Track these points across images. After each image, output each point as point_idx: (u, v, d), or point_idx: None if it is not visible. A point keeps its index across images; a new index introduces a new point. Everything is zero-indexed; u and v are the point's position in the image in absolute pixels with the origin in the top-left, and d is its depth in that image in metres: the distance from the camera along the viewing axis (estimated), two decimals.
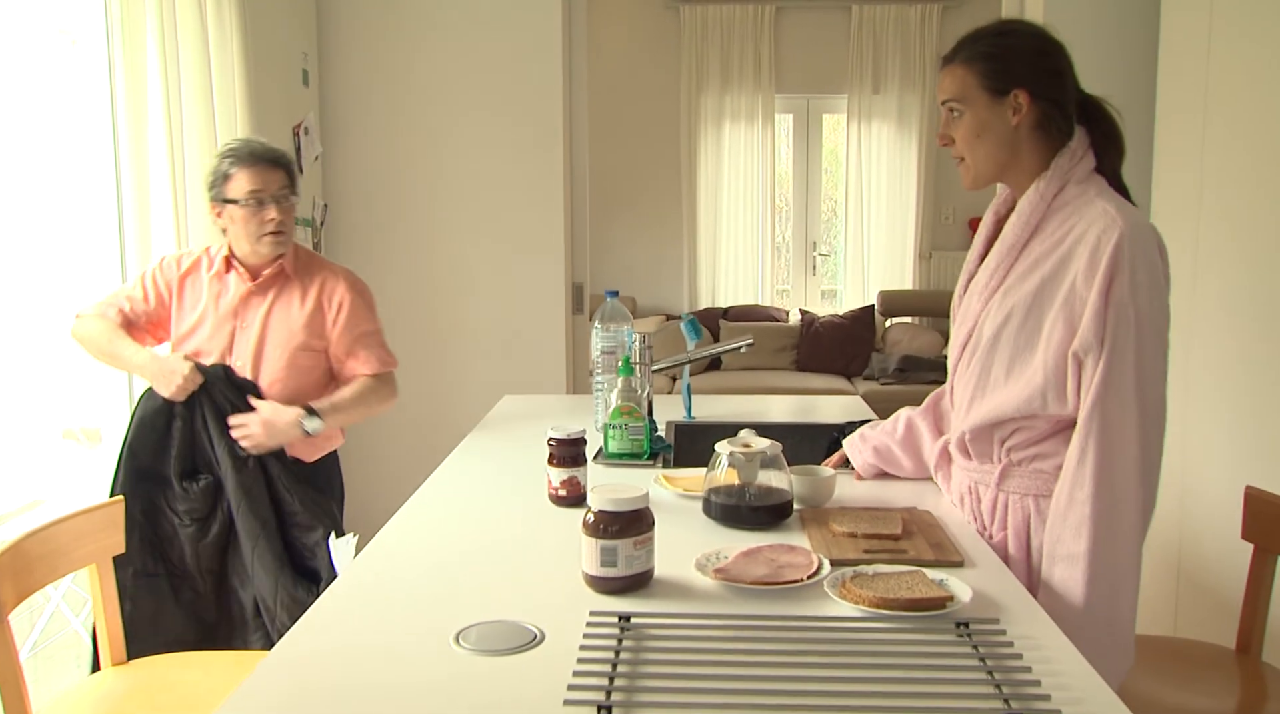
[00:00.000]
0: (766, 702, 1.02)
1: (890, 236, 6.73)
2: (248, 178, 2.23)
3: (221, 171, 2.25)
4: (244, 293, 2.30)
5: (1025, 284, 1.50)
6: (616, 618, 1.20)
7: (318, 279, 2.35)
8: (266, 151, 2.28)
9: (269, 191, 2.24)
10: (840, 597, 1.27)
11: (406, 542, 1.57)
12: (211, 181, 2.26)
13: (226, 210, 2.26)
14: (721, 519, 1.60)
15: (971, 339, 1.58)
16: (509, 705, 1.03)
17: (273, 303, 2.31)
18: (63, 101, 2.64)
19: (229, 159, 2.25)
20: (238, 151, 2.26)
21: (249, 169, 2.23)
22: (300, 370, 2.31)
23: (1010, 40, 1.54)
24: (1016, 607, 1.27)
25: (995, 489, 1.56)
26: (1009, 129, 1.52)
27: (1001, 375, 1.52)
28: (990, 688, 1.03)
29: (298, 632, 1.22)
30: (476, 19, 3.48)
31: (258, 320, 2.30)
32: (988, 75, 1.51)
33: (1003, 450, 1.55)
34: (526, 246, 3.58)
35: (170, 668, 1.86)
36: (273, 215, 2.24)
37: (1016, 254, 1.53)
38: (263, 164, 2.25)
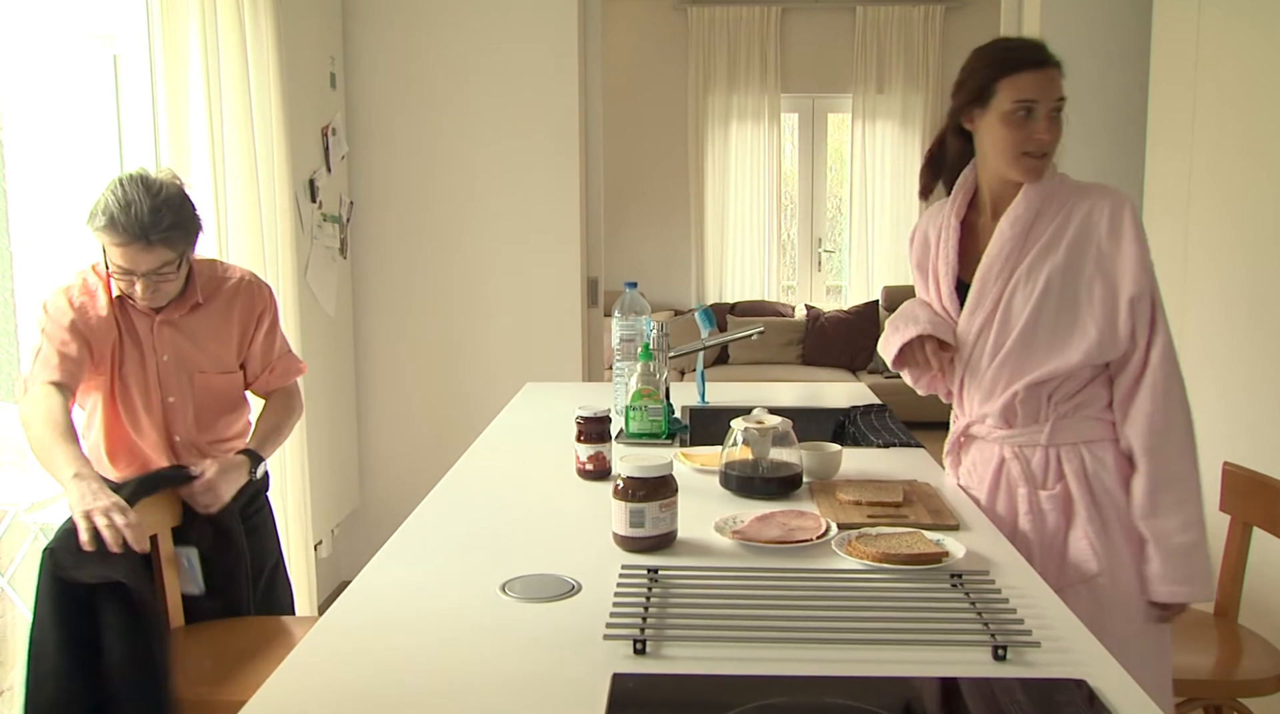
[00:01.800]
0: (779, 636, 1.15)
1: (894, 233, 6.86)
2: (115, 253, 1.91)
3: (93, 221, 1.91)
4: (155, 325, 2.05)
5: (1050, 259, 1.66)
6: (646, 570, 1.34)
7: (229, 296, 2.14)
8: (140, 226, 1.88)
9: (140, 271, 1.93)
10: (846, 553, 1.40)
11: (448, 511, 1.71)
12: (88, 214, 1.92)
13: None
14: (737, 490, 1.73)
15: (996, 318, 1.70)
16: (554, 642, 1.17)
17: (192, 331, 2.09)
18: (104, 105, 2.77)
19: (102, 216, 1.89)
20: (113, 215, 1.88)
21: (117, 247, 1.90)
22: (229, 394, 2.17)
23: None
24: (1006, 562, 1.41)
25: (1046, 446, 1.69)
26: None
27: (1048, 340, 1.67)
28: (980, 627, 1.17)
29: (357, 587, 1.35)
30: (495, 22, 3.62)
31: (182, 351, 2.08)
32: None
33: (1050, 407, 1.69)
34: (543, 242, 3.71)
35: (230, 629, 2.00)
36: (140, 292, 1.95)
37: (1024, 237, 1.68)
38: (135, 244, 1.89)
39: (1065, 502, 1.68)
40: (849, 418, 2.45)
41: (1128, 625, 1.65)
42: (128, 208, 1.88)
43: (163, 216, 1.90)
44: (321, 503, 3.37)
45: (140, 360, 2.05)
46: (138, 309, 2.04)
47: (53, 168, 2.61)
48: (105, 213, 1.89)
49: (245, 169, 2.82)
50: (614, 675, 1.06)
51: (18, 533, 2.43)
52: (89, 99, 2.72)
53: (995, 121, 1.67)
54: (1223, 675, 1.87)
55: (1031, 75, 1.65)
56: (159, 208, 1.91)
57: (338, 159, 3.55)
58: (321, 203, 3.40)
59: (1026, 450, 1.71)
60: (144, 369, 2.05)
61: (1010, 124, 1.65)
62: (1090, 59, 3.33)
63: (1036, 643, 1.13)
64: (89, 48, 2.73)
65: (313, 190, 3.33)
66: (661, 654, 1.12)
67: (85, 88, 2.71)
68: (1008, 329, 1.69)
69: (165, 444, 2.10)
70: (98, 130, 2.76)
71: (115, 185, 1.92)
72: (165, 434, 2.10)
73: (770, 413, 1.82)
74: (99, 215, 1.90)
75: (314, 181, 3.34)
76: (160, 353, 2.06)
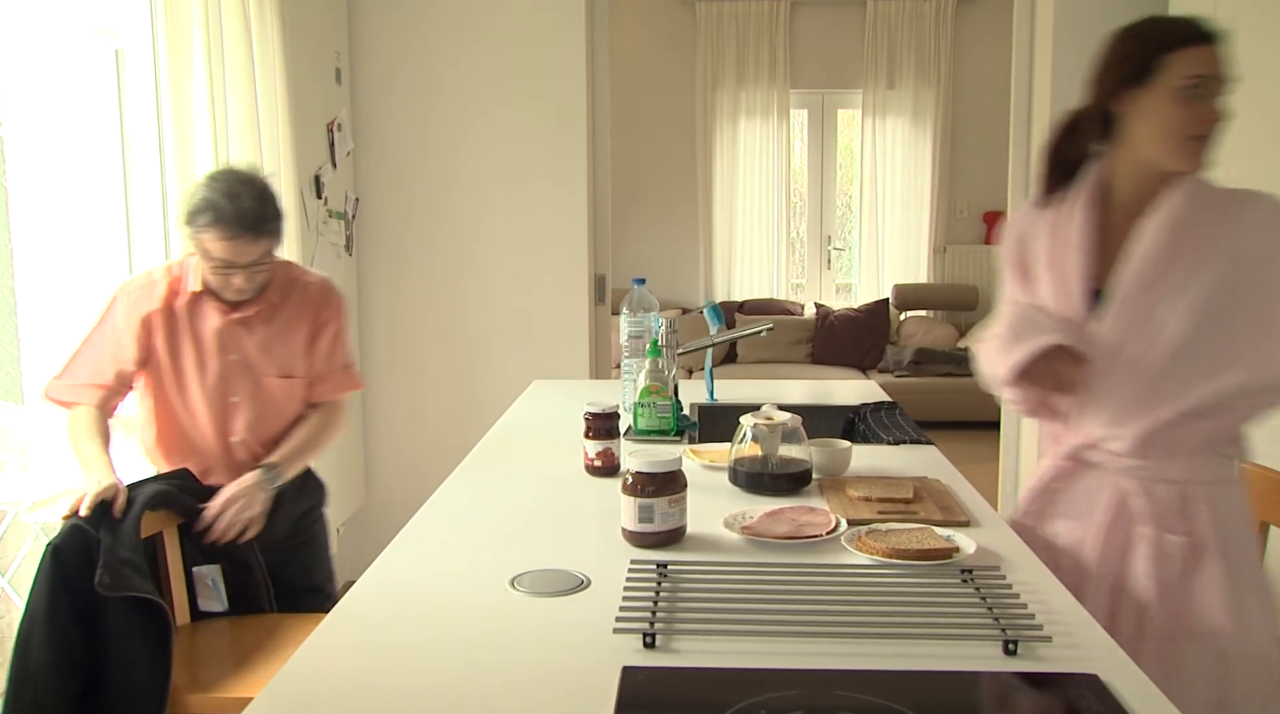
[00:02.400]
0: (789, 630, 1.15)
1: (905, 231, 6.84)
2: (220, 247, 1.94)
3: (196, 220, 1.94)
4: (226, 324, 2.07)
5: (1208, 269, 1.48)
6: (655, 565, 1.34)
7: (299, 299, 2.16)
8: (249, 219, 1.93)
9: (240, 263, 1.97)
10: (856, 549, 1.40)
11: (456, 507, 1.70)
12: (184, 217, 1.96)
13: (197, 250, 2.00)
14: (746, 486, 1.73)
15: (1144, 332, 1.50)
16: (564, 636, 1.16)
17: (262, 333, 2.10)
18: (106, 101, 2.78)
19: (205, 214, 1.92)
20: (219, 210, 1.91)
21: (225, 239, 1.93)
22: (290, 400, 2.17)
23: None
24: (1017, 558, 1.40)
25: (1181, 483, 1.51)
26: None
27: (1206, 363, 1.48)
28: (990, 622, 1.16)
29: (366, 582, 1.35)
30: (501, 17, 3.61)
31: (250, 352, 2.09)
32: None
33: (1193, 439, 1.51)
34: (550, 239, 3.71)
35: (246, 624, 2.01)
36: (239, 284, 2.00)
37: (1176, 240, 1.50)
38: (244, 237, 1.94)
39: (1194, 547, 1.50)
40: (859, 415, 2.44)
41: (1257, 686, 1.50)
42: (235, 199, 1.92)
43: (268, 207, 1.97)
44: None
45: (205, 359, 2.06)
46: (214, 307, 2.06)
47: (54, 164, 2.62)
48: (210, 209, 1.91)
49: (250, 164, 2.82)
50: (624, 668, 1.06)
51: (18, 532, 2.44)
52: (91, 94, 2.73)
53: (1160, 102, 1.48)
54: None
55: (1201, 50, 1.48)
56: (262, 198, 1.96)
57: (343, 155, 3.55)
58: (327, 199, 3.40)
59: (1157, 486, 1.52)
60: (208, 368, 2.07)
61: (1180, 103, 1.47)
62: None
63: (1048, 638, 1.12)
64: (91, 42, 2.74)
65: (318, 186, 3.34)
66: (671, 648, 1.12)
67: (87, 83, 2.71)
68: (1157, 345, 1.49)
69: (221, 443, 2.11)
70: (99, 126, 2.76)
71: (209, 181, 1.96)
72: (222, 434, 2.11)
73: (780, 409, 1.81)
74: (202, 213, 1.92)
75: (319, 178, 3.34)
76: (229, 353, 2.07)
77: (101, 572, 1.70)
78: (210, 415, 2.09)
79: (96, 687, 1.74)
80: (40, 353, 2.66)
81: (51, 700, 1.71)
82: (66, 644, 1.73)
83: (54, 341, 2.69)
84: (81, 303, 2.70)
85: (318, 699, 1.03)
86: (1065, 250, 1.59)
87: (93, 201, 2.75)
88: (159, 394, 2.09)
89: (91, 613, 1.73)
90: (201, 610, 2.03)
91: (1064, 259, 1.59)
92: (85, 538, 1.75)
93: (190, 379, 2.07)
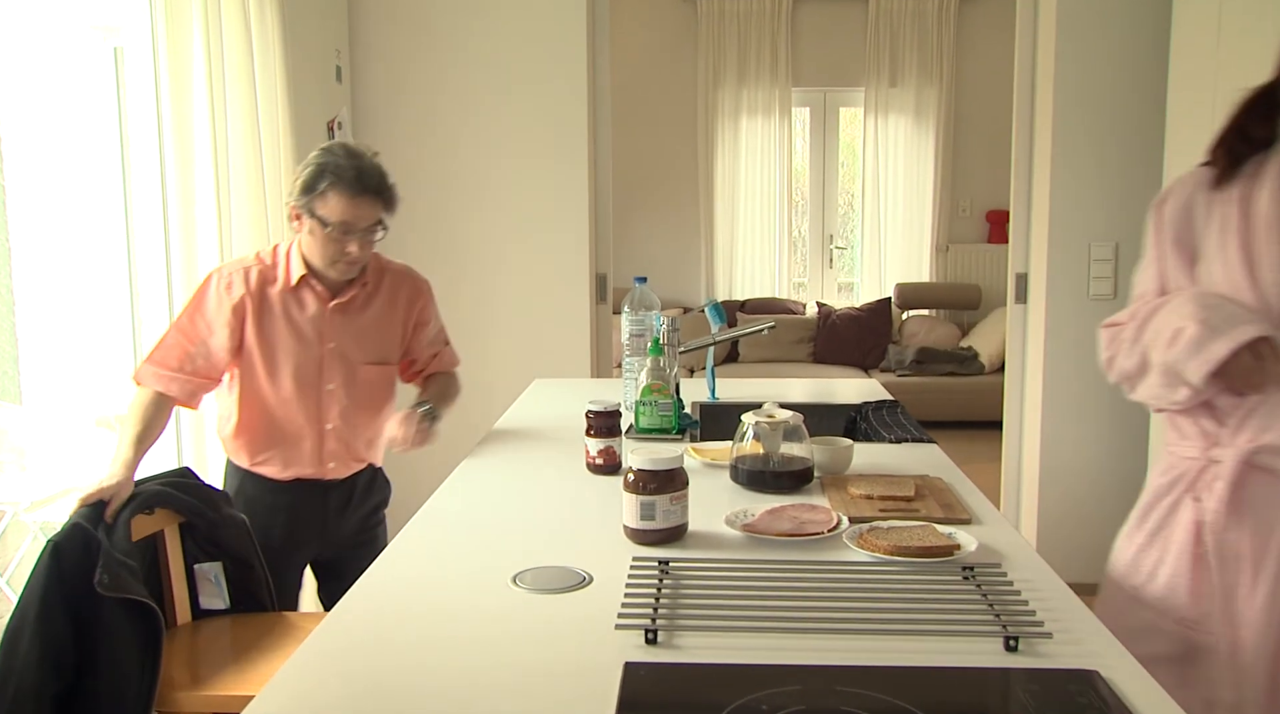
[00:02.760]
0: (790, 626, 1.15)
1: (907, 230, 6.83)
2: (344, 206, 1.97)
3: (316, 185, 1.97)
4: (325, 312, 2.09)
5: None
6: (656, 563, 1.34)
7: (392, 284, 2.21)
8: (373, 177, 1.99)
9: (360, 225, 2.00)
10: (858, 546, 1.40)
11: (457, 505, 1.70)
12: (303, 186, 1.99)
13: (308, 222, 2.02)
14: (748, 484, 1.73)
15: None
16: (566, 632, 1.16)
17: (359, 320, 2.14)
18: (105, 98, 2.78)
19: (329, 175, 1.97)
20: (341, 171, 1.97)
21: (348, 198, 1.97)
22: (382, 388, 2.22)
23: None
24: (1018, 556, 1.40)
25: None
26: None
27: None
28: (992, 618, 1.16)
29: (368, 579, 1.35)
30: (502, 15, 3.61)
31: (348, 340, 2.12)
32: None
33: None
34: (551, 238, 3.71)
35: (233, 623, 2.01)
36: (353, 248, 2.01)
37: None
38: (365, 195, 1.98)
39: None
40: (860, 414, 2.44)
41: None
42: (358, 158, 1.99)
43: (385, 173, 2.04)
44: None
45: (302, 347, 2.08)
46: (312, 295, 2.08)
47: (52, 163, 2.62)
48: (331, 172, 1.96)
49: (250, 163, 2.82)
50: (626, 664, 1.06)
51: (17, 532, 2.44)
52: (89, 92, 2.73)
53: None
54: None
55: None
56: (379, 165, 2.04)
57: None
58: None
59: None
60: (305, 356, 2.08)
61: None
62: (1108, 51, 3.30)
63: (1049, 634, 1.12)
64: (89, 40, 2.74)
65: None
66: (673, 644, 1.12)
67: (86, 81, 2.71)
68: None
69: (315, 431, 2.13)
70: (98, 124, 2.76)
71: (324, 151, 2.02)
72: (316, 422, 2.12)
73: (781, 408, 1.81)
74: (324, 176, 1.96)
75: None
76: (327, 341, 2.10)
77: (101, 571, 1.70)
78: (303, 404, 2.10)
79: (81, 687, 1.74)
80: (38, 352, 2.66)
81: (32, 697, 1.70)
82: (55, 642, 1.73)
83: (51, 341, 2.70)
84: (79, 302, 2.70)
85: (320, 696, 1.03)
86: (1259, 231, 1.40)
87: (91, 200, 2.75)
88: (248, 383, 2.09)
89: (85, 612, 1.73)
90: (203, 608, 2.04)
91: (1254, 240, 1.40)
92: (86, 536, 1.75)
93: (284, 367, 2.08)
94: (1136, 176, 3.31)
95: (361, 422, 2.19)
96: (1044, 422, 3.41)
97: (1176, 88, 2.94)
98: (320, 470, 2.15)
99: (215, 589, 2.03)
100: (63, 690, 1.71)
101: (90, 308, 2.74)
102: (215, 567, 2.03)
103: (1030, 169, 3.47)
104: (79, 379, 2.80)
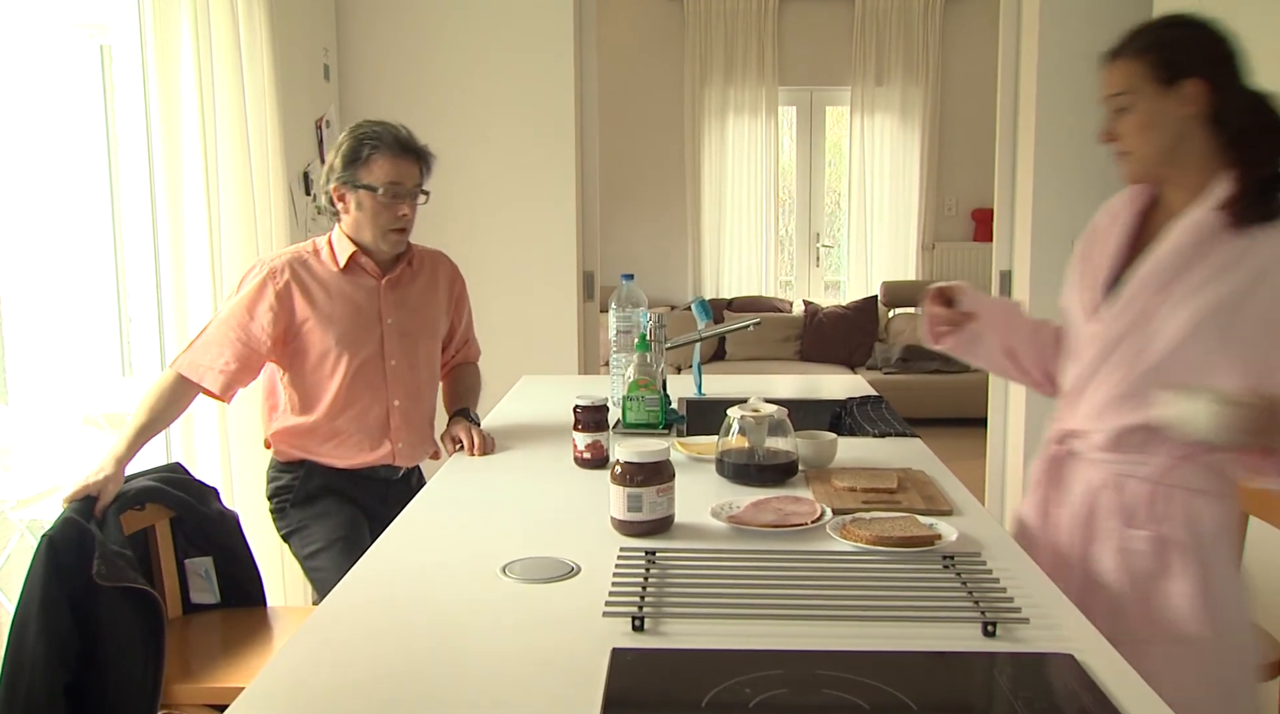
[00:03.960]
0: (774, 613, 1.17)
1: (893, 228, 6.87)
2: (390, 167, 2.05)
3: (359, 154, 2.05)
4: (380, 288, 2.14)
5: (1211, 289, 1.44)
6: (643, 553, 1.36)
7: (431, 264, 2.28)
8: (410, 140, 2.11)
9: (407, 185, 2.08)
10: (840, 537, 1.42)
11: (446, 498, 1.72)
12: (344, 160, 2.06)
13: (356, 196, 2.07)
14: (733, 477, 1.75)
15: (1134, 334, 1.50)
16: (555, 620, 1.18)
17: (410, 296, 2.19)
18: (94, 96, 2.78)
19: (370, 143, 2.05)
20: (380, 136, 2.06)
21: (392, 159, 2.05)
22: (434, 364, 2.26)
23: (1179, 31, 1.52)
24: (997, 545, 1.43)
25: (1154, 483, 1.49)
26: (1178, 120, 1.48)
27: (1194, 372, 1.44)
28: (971, 604, 1.19)
29: (358, 572, 1.37)
30: (490, 13, 3.62)
31: (404, 316, 2.17)
32: (1158, 65, 1.47)
33: (1173, 444, 1.46)
34: (539, 236, 3.72)
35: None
36: (405, 211, 2.08)
37: (1192, 258, 1.46)
38: (407, 155, 2.08)
39: (1161, 546, 1.48)
40: (845, 409, 2.46)
41: (1230, 698, 1.49)
42: (389, 125, 2.09)
43: (413, 134, 2.12)
44: None
45: (361, 324, 2.10)
46: (361, 277, 2.12)
47: (39, 161, 2.62)
48: (371, 139, 2.04)
49: (239, 161, 2.83)
50: (613, 650, 1.08)
51: (4, 530, 2.44)
52: (76, 91, 2.72)
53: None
54: None
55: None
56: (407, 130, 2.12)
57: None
58: (316, 195, 3.41)
59: (1128, 482, 1.52)
60: (365, 337, 2.11)
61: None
62: (1091, 50, 3.32)
63: (1026, 620, 1.15)
64: (76, 38, 2.73)
65: (307, 183, 3.34)
66: (660, 630, 1.14)
67: (73, 79, 2.71)
68: (1151, 347, 1.48)
69: (381, 413, 2.13)
70: (86, 123, 2.76)
71: (355, 129, 2.08)
72: (385, 400, 2.14)
73: (767, 403, 1.83)
74: (364, 145, 2.04)
75: (308, 174, 3.35)
76: (386, 316, 2.13)
77: (98, 562, 1.71)
78: (369, 382, 2.11)
79: (89, 678, 1.76)
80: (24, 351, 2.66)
81: (44, 692, 1.72)
82: (60, 636, 1.74)
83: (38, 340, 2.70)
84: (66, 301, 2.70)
85: (310, 687, 1.05)
86: (1103, 243, 1.60)
87: (78, 199, 2.74)
88: (306, 368, 2.09)
89: (85, 604, 1.74)
90: (194, 603, 2.05)
91: (1096, 251, 1.61)
92: (79, 530, 1.76)
93: (345, 347, 2.08)
94: (1118, 175, 3.34)
95: (426, 399, 2.22)
96: (1028, 418, 3.45)
97: None
98: (389, 454, 2.14)
99: (205, 584, 2.04)
100: (71, 683, 1.73)
101: (77, 306, 2.74)
102: (205, 561, 2.04)
103: (1014, 167, 3.51)
104: (65, 377, 2.79)
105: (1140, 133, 1.51)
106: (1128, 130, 1.52)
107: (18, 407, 2.74)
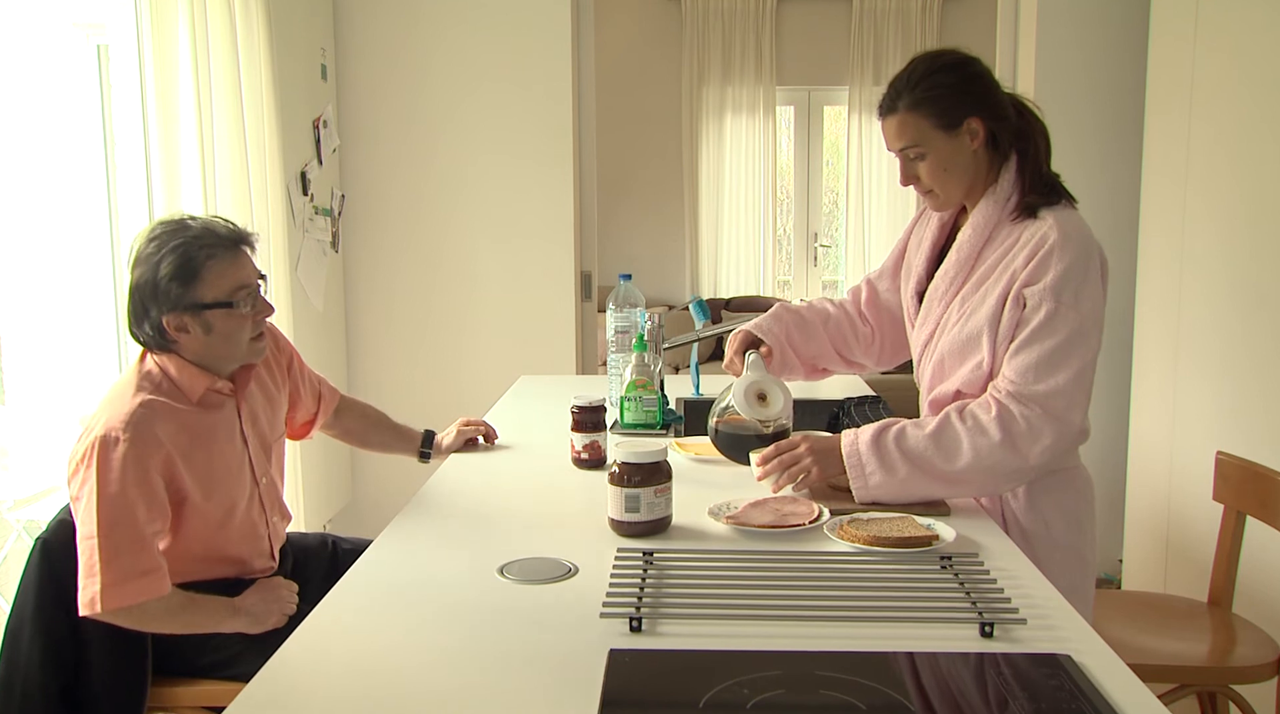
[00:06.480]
0: (772, 613, 1.17)
1: (891, 228, 6.87)
2: (233, 269, 1.68)
3: (193, 268, 1.64)
4: (233, 411, 1.80)
5: (980, 292, 1.61)
6: (641, 554, 1.36)
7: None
8: (238, 228, 1.72)
9: (254, 282, 1.73)
10: (838, 537, 1.42)
11: (444, 499, 1.72)
12: (177, 284, 1.63)
13: (202, 320, 1.66)
14: (728, 448, 1.79)
15: (933, 342, 1.70)
16: (552, 621, 1.18)
17: (255, 397, 1.87)
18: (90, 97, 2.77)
19: (202, 249, 1.64)
20: (204, 238, 1.65)
21: (232, 259, 1.68)
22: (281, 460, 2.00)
23: (943, 77, 1.62)
24: (995, 546, 1.43)
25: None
26: (970, 155, 1.63)
27: (962, 358, 1.63)
28: (968, 605, 1.19)
29: (357, 571, 1.37)
30: (487, 13, 3.62)
31: (258, 424, 1.86)
32: (939, 115, 1.60)
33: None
34: (536, 236, 3.72)
35: None
36: (264, 308, 1.75)
37: (972, 264, 1.65)
38: (243, 247, 1.71)
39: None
40: (843, 409, 2.46)
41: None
42: (209, 225, 1.69)
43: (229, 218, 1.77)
44: (314, 498, 3.37)
45: (230, 457, 1.78)
46: (221, 397, 1.77)
47: (34, 163, 2.61)
48: (194, 249, 1.64)
49: (236, 161, 2.82)
50: (611, 651, 1.08)
51: (1, 530, 2.44)
52: (72, 91, 2.72)
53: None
54: (1217, 662, 1.88)
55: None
56: (223, 217, 1.77)
57: (329, 152, 3.55)
58: (313, 196, 3.41)
59: None
60: (238, 465, 1.81)
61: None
62: (1087, 50, 3.35)
63: (1023, 620, 1.15)
64: (72, 38, 2.73)
65: (304, 183, 3.34)
66: (657, 631, 1.14)
67: (69, 79, 2.70)
68: (943, 339, 1.67)
69: (266, 533, 1.88)
70: (82, 123, 2.75)
71: (160, 243, 1.66)
72: (265, 521, 1.88)
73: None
74: (192, 259, 1.64)
75: (305, 174, 3.35)
76: (247, 435, 1.82)
77: None
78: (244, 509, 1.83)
79: (79, 681, 1.75)
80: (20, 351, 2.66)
81: (39, 694, 1.71)
82: (54, 638, 1.73)
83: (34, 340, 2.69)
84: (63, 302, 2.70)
85: (308, 686, 1.05)
86: (918, 252, 1.81)
87: (75, 199, 2.74)
88: (181, 528, 1.74)
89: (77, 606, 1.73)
90: None
91: (914, 259, 1.82)
92: (73, 532, 1.75)
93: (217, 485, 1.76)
94: (1115, 173, 3.35)
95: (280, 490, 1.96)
96: None
97: (1155, 85, 2.97)
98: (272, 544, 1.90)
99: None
100: (64, 685, 1.72)
101: (74, 307, 2.74)
102: None
103: None
104: (62, 378, 2.79)
105: (940, 175, 1.64)
106: (927, 174, 1.65)
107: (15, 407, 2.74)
